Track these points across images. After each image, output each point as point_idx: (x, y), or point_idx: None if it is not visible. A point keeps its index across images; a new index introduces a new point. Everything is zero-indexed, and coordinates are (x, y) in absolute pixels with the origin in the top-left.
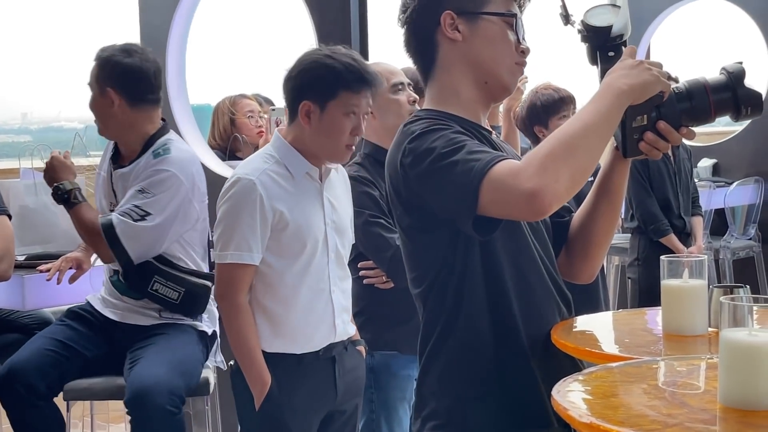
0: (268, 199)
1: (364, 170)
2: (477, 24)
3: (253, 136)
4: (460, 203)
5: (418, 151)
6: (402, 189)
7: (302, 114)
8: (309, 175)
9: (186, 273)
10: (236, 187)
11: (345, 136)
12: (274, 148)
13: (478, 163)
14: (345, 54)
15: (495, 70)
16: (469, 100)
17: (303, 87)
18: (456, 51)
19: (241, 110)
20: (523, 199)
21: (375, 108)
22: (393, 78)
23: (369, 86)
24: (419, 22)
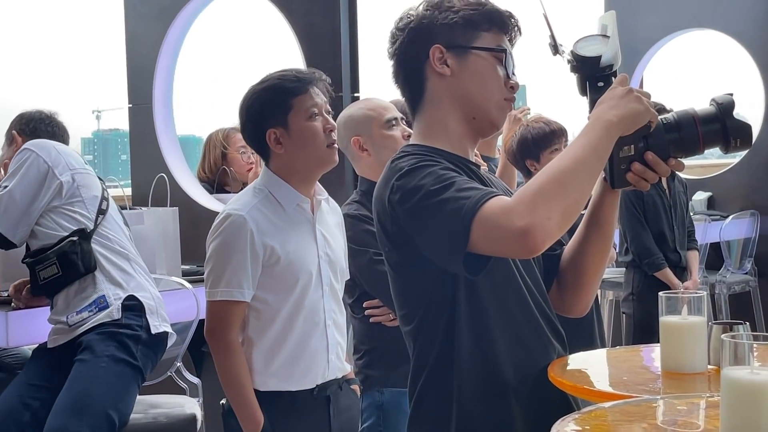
0: (259, 234)
1: (364, 208)
2: (466, 59)
3: (243, 172)
4: (450, 242)
5: (406, 189)
6: (390, 225)
7: (273, 143)
8: (300, 207)
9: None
10: (226, 223)
11: (320, 138)
12: (263, 182)
13: (468, 201)
14: (273, 73)
15: (483, 105)
16: (457, 134)
17: (259, 119)
18: (444, 85)
19: (234, 144)
20: (515, 238)
21: (369, 144)
22: (386, 113)
23: (311, 82)
24: (408, 55)
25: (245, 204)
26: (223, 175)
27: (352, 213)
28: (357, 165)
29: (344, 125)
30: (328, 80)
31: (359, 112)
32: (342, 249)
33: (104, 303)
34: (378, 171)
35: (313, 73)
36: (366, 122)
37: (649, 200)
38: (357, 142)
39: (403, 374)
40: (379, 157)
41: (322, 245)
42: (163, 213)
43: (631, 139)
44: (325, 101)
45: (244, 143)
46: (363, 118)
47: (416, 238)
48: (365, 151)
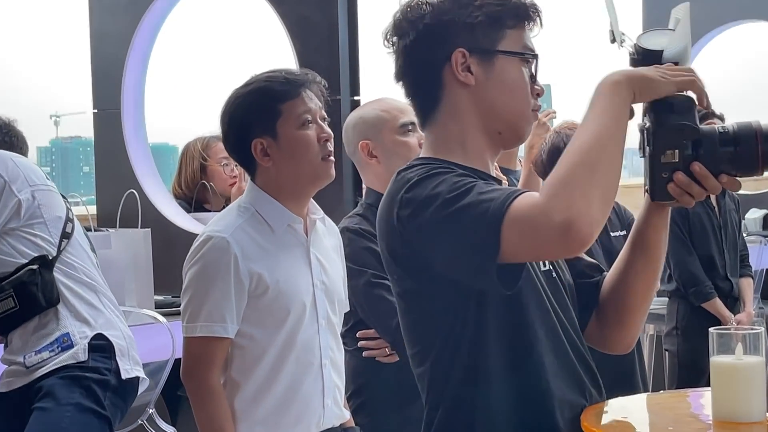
0: (245, 260)
1: (367, 222)
2: (492, 64)
3: (225, 187)
4: (478, 252)
5: (418, 200)
6: (399, 247)
7: (259, 155)
8: (292, 228)
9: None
10: (207, 246)
11: (314, 148)
12: (248, 199)
13: (493, 202)
14: (260, 74)
15: (511, 119)
16: (477, 149)
17: (243, 127)
18: (466, 96)
19: (215, 155)
20: (558, 235)
21: (380, 150)
22: (401, 117)
23: (303, 85)
24: (421, 56)
25: (228, 225)
26: (202, 191)
27: (352, 227)
28: (364, 173)
29: (353, 127)
30: (324, 82)
31: (371, 113)
32: (340, 276)
33: (68, 342)
34: (387, 182)
35: (306, 74)
36: (377, 125)
37: (696, 219)
38: (366, 147)
39: (397, 422)
40: (390, 165)
41: (317, 272)
42: (133, 235)
43: (674, 141)
44: (320, 106)
45: (226, 154)
46: (375, 120)
47: (434, 256)
48: (374, 158)
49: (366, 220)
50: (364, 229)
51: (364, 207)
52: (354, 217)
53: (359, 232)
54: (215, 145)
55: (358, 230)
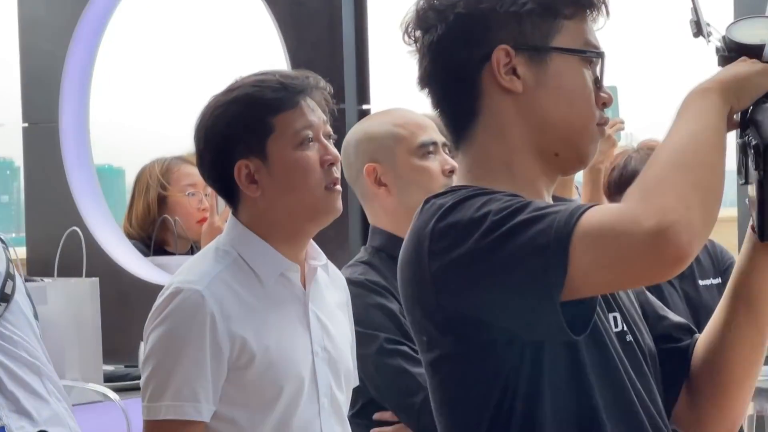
0: (224, 320)
1: (375, 272)
2: (546, 66)
3: (191, 224)
4: (538, 280)
5: (457, 228)
6: (432, 296)
7: (244, 182)
8: (285, 278)
9: None
10: (175, 303)
11: (316, 174)
12: (229, 240)
13: (558, 214)
14: (246, 77)
15: (571, 136)
16: (528, 176)
17: (223, 146)
18: (512, 106)
19: (177, 182)
20: (648, 245)
21: (391, 176)
22: (420, 134)
23: (303, 92)
24: (455, 56)
25: (203, 274)
26: (162, 229)
27: (356, 279)
28: (369, 207)
29: (356, 145)
30: (329, 88)
31: (381, 128)
32: (348, 341)
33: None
34: (401, 217)
35: (307, 77)
36: (389, 144)
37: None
38: (372, 173)
39: None
40: (404, 197)
41: (318, 336)
42: (76, 287)
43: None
44: (324, 120)
45: (192, 181)
46: (385, 137)
47: (479, 299)
48: (383, 187)
49: (372, 268)
50: (371, 280)
51: (370, 252)
52: (357, 265)
53: (365, 285)
54: (178, 170)
55: (364, 282)
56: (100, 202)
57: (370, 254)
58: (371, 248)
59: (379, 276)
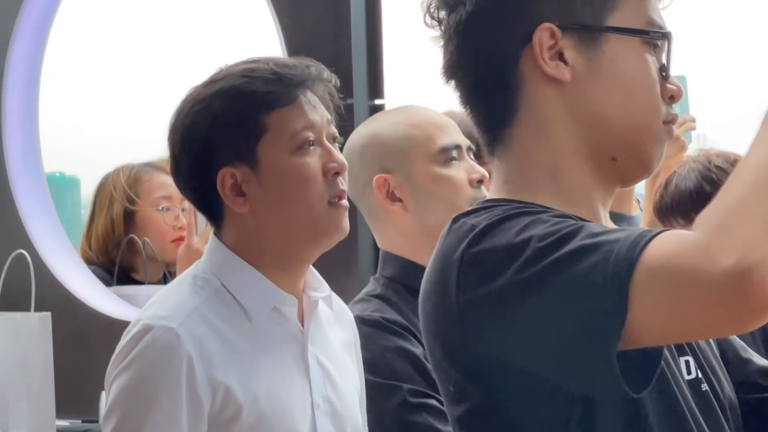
0: (204, 364)
1: (391, 308)
2: (599, 49)
3: (165, 245)
4: (590, 326)
5: (492, 255)
6: (458, 338)
7: (229, 194)
8: (279, 314)
9: None
10: (144, 343)
11: (318, 185)
12: (210, 266)
13: (617, 245)
14: (233, 65)
15: (632, 137)
16: (577, 185)
17: (204, 151)
18: (559, 99)
19: (148, 194)
20: (726, 289)
21: (406, 189)
22: (441, 137)
23: (302, 84)
24: (488, 39)
25: (178, 307)
26: (128, 253)
27: (369, 317)
28: (380, 228)
29: (361, 152)
30: (334, 80)
31: (392, 130)
32: (356, 390)
33: None
34: (417, 241)
35: (307, 66)
36: (403, 149)
37: None
38: (383, 185)
39: None
40: (423, 214)
41: (319, 384)
42: (23, 323)
43: None
44: (329, 119)
45: (165, 193)
46: (399, 140)
47: (516, 344)
48: (397, 202)
49: (388, 303)
50: (388, 318)
51: (383, 283)
52: (368, 300)
53: (381, 325)
54: (148, 179)
55: (380, 321)
56: (52, 218)
57: (383, 286)
58: (384, 279)
59: (396, 313)
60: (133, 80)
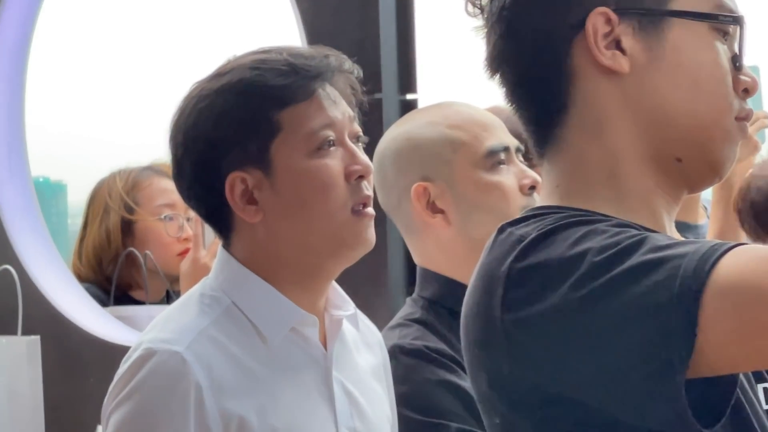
0: (214, 393)
1: (432, 334)
2: (662, 36)
3: (168, 259)
4: (653, 352)
5: (542, 271)
6: (504, 363)
7: (239, 202)
8: (299, 335)
9: None
10: (146, 370)
11: (339, 190)
12: (219, 283)
13: (683, 260)
14: (242, 56)
15: (699, 135)
16: (638, 190)
17: (210, 153)
18: (616, 93)
19: (149, 201)
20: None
21: (449, 199)
22: (487, 138)
23: (321, 76)
24: (535, 26)
25: (184, 330)
26: (127, 268)
27: (410, 346)
28: (419, 242)
29: (396, 158)
30: (357, 72)
31: (430, 131)
32: (387, 419)
33: None
34: (461, 257)
35: (326, 56)
36: (444, 153)
37: None
38: (423, 195)
39: None
40: (467, 227)
41: (345, 413)
42: (10, 348)
43: None
44: (351, 116)
45: (168, 200)
46: (438, 144)
47: (568, 370)
48: (439, 214)
49: (429, 329)
50: (431, 348)
51: (422, 306)
52: (407, 326)
53: (424, 354)
54: (149, 184)
55: (422, 351)
56: (40, 230)
57: (422, 309)
58: (423, 300)
59: (440, 340)
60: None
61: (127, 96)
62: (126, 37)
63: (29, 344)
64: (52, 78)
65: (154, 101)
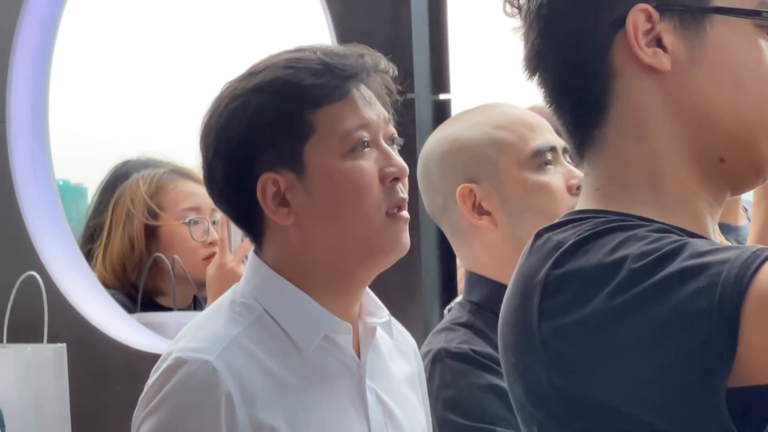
0: (246, 403)
1: (480, 338)
2: (704, 33)
3: (195, 264)
4: (692, 362)
5: (580, 278)
6: (541, 371)
7: (271, 204)
8: (332, 343)
9: None
10: (176, 380)
11: (374, 193)
12: (250, 289)
13: (725, 267)
14: (275, 55)
15: (743, 135)
16: (679, 192)
17: (241, 155)
18: (657, 92)
19: (174, 205)
20: None
21: (496, 203)
22: (533, 138)
23: (356, 76)
24: (575, 24)
25: (214, 338)
26: (152, 274)
27: (455, 349)
28: (465, 245)
29: (442, 160)
30: (392, 71)
31: (475, 132)
32: (423, 429)
33: None
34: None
35: (361, 56)
36: (490, 154)
37: None
38: (469, 197)
39: None
40: (515, 229)
41: (379, 425)
42: (36, 356)
43: None
44: (386, 117)
45: (194, 203)
46: (484, 145)
47: (606, 379)
48: (486, 216)
49: (476, 333)
50: (478, 351)
51: (469, 309)
52: (454, 330)
53: (471, 359)
54: (174, 187)
55: (469, 355)
56: (65, 235)
57: (470, 313)
58: (470, 304)
59: (487, 345)
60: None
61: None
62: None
63: (55, 352)
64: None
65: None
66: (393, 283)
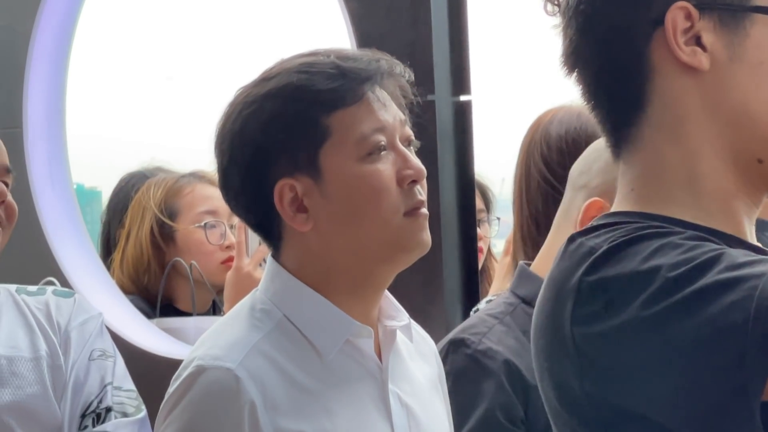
0: (269, 411)
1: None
2: (744, 32)
3: (213, 268)
4: (727, 375)
5: (613, 286)
6: (573, 378)
7: (288, 210)
8: (353, 347)
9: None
10: (197, 388)
11: (392, 195)
12: (270, 295)
13: (762, 280)
14: (289, 59)
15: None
16: (716, 193)
17: (258, 161)
18: (696, 91)
19: (190, 209)
20: None
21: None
22: None
23: (371, 79)
24: (612, 20)
25: (235, 345)
26: (170, 278)
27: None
28: None
29: (591, 168)
30: (408, 75)
31: None
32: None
33: None
34: None
35: (376, 60)
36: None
37: None
38: (597, 212)
39: None
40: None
41: (403, 428)
42: None
43: None
44: (403, 119)
45: (210, 207)
46: None
47: (639, 389)
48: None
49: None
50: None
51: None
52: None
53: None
54: (190, 191)
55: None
56: (83, 240)
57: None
58: (514, 296)
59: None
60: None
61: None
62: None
63: None
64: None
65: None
66: (414, 285)
